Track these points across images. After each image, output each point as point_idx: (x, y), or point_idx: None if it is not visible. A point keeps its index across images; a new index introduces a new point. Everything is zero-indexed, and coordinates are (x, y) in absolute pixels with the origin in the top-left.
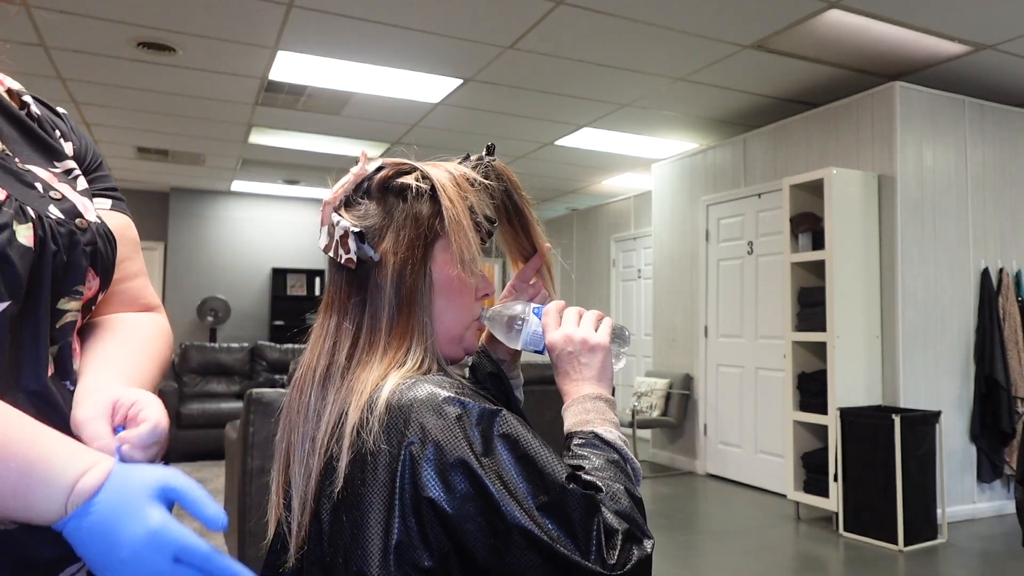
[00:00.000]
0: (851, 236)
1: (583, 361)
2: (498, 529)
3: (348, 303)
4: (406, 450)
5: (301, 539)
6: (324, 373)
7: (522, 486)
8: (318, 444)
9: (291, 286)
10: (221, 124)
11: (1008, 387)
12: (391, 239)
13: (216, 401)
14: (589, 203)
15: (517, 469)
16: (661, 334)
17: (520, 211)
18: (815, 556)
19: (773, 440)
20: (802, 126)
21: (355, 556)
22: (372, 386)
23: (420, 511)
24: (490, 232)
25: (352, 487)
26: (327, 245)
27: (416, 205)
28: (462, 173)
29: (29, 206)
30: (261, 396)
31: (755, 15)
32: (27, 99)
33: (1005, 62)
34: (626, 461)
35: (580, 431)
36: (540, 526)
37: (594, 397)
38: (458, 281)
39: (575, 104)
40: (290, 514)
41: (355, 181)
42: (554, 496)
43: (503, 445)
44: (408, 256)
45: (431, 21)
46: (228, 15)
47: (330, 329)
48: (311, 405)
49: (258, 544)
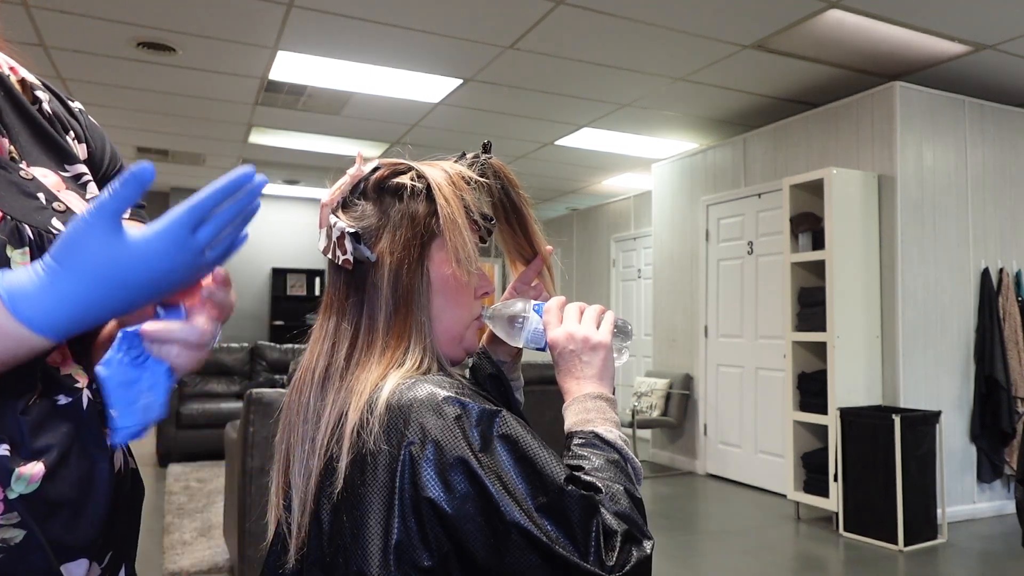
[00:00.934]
0: (851, 236)
1: (584, 359)
2: (497, 529)
3: (346, 304)
4: (406, 450)
5: (301, 540)
6: (323, 374)
7: (521, 487)
8: (318, 445)
9: (291, 286)
10: (221, 124)
11: (1008, 387)
12: (388, 239)
13: (216, 401)
14: (589, 203)
15: (516, 470)
16: (661, 334)
17: (518, 210)
18: (815, 556)
19: (773, 440)
20: (802, 126)
21: (355, 556)
22: (372, 386)
23: (420, 511)
24: (488, 231)
25: (352, 487)
26: (326, 247)
27: (412, 205)
28: (458, 172)
29: (28, 223)
30: (261, 396)
31: (755, 15)
32: (40, 95)
33: (1005, 62)
34: (626, 461)
35: (580, 430)
36: (539, 527)
37: (595, 396)
38: (455, 280)
39: (575, 104)
40: (290, 515)
41: (351, 182)
42: (553, 497)
43: (502, 446)
44: (405, 256)
45: (431, 21)
46: (228, 15)
47: (329, 330)
48: (310, 406)
49: (258, 544)
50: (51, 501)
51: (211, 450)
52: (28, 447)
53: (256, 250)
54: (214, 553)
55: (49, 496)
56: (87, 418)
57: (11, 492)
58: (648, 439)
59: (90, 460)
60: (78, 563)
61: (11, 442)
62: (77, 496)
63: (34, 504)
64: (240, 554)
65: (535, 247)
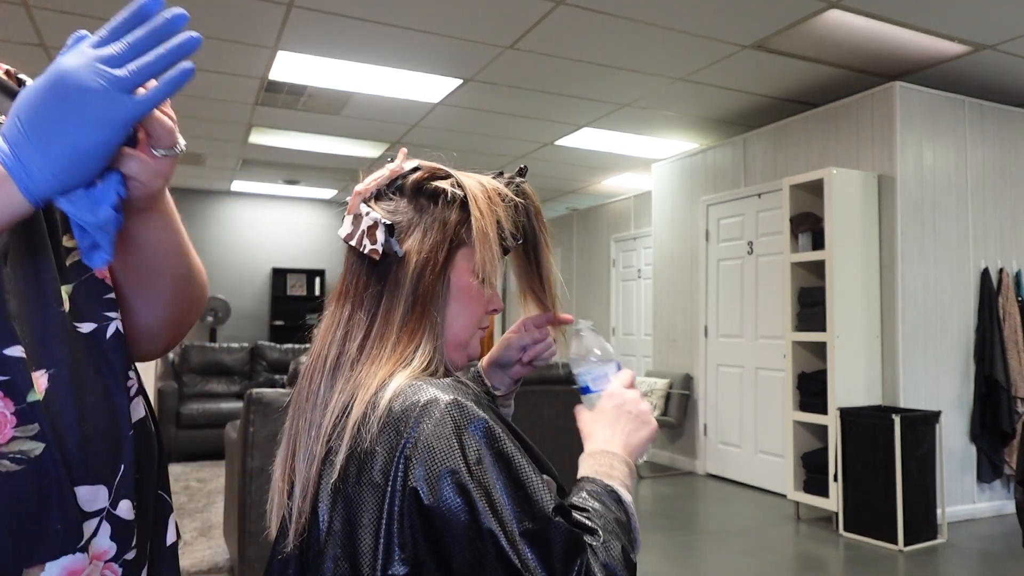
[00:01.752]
0: (851, 236)
1: (632, 427)
2: (477, 546)
3: (364, 294)
4: (401, 453)
5: (301, 525)
6: (335, 362)
7: (508, 508)
8: (322, 432)
9: (291, 286)
10: (221, 124)
11: (1008, 387)
12: (417, 238)
13: (216, 401)
14: (589, 203)
15: (507, 491)
16: (661, 334)
17: (536, 238)
18: (815, 556)
19: (773, 440)
20: (802, 126)
21: (347, 550)
22: (379, 382)
23: (408, 516)
24: (507, 250)
25: (348, 482)
26: (350, 234)
27: (446, 210)
28: (494, 187)
29: None
30: (261, 396)
31: (755, 15)
32: (23, 76)
33: (1005, 62)
34: (632, 529)
35: (600, 480)
36: (519, 553)
37: (624, 460)
38: (473, 290)
39: (575, 104)
40: (291, 500)
41: (390, 176)
42: (539, 525)
43: (496, 464)
44: (431, 258)
45: (431, 21)
46: (228, 15)
47: (342, 318)
48: (320, 393)
49: (258, 544)
50: (66, 416)
51: (211, 450)
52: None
53: (256, 250)
54: (214, 553)
55: (63, 410)
56: (106, 346)
57: (32, 395)
58: None
59: (105, 385)
60: (96, 488)
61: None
62: (93, 419)
63: (51, 414)
64: (240, 554)
65: (545, 285)
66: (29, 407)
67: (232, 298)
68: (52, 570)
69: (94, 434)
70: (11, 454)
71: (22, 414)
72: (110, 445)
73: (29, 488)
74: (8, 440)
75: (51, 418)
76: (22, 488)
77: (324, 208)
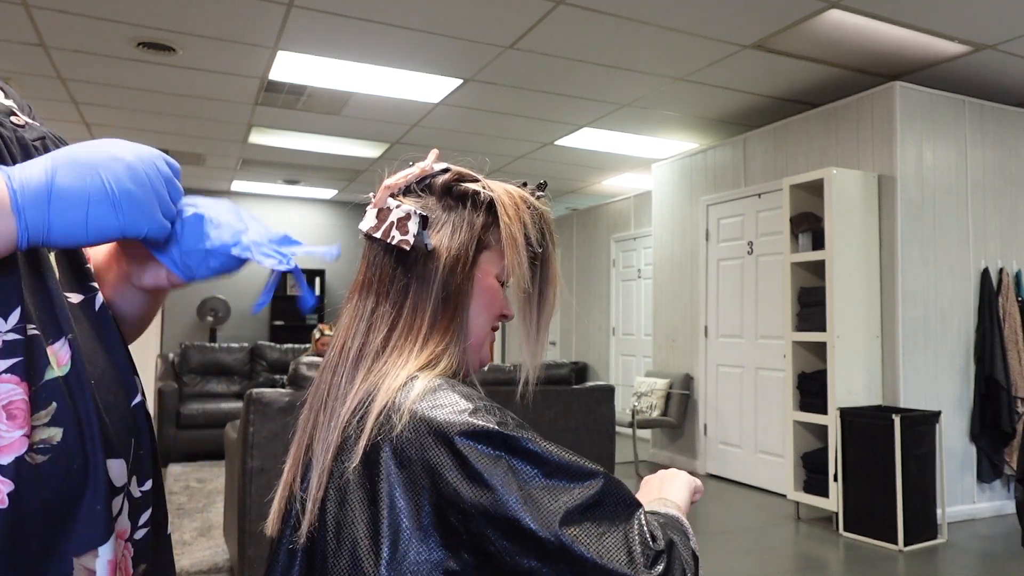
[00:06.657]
0: (851, 236)
1: (668, 483)
2: (516, 538)
3: (390, 286)
4: (421, 454)
5: (314, 515)
6: (358, 354)
7: (546, 497)
8: (341, 421)
9: (291, 286)
10: (221, 124)
11: (1008, 387)
12: (444, 237)
13: (216, 401)
14: (589, 203)
15: (542, 483)
16: (661, 334)
17: (547, 256)
18: (815, 556)
19: (773, 440)
20: (802, 126)
21: (358, 546)
22: (402, 381)
23: (444, 516)
24: (535, 255)
25: (363, 477)
26: (374, 227)
27: (474, 212)
28: (521, 194)
29: None
30: (261, 396)
31: (755, 15)
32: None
33: (1005, 62)
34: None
35: (659, 509)
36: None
37: (679, 507)
38: (494, 293)
39: (575, 104)
40: (305, 492)
41: (420, 175)
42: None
43: (525, 462)
44: (461, 255)
45: (431, 21)
46: (228, 15)
47: (365, 311)
48: (342, 385)
49: (258, 544)
50: (84, 388)
51: (211, 450)
52: (52, 330)
53: None
54: (214, 553)
55: (80, 381)
56: (99, 316)
57: (50, 372)
58: (648, 439)
59: (107, 356)
60: (120, 462)
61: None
62: (103, 391)
63: (70, 388)
64: (240, 554)
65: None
66: (44, 387)
67: (232, 298)
68: (106, 554)
69: (107, 405)
70: (36, 444)
71: (37, 396)
72: (122, 415)
73: (60, 474)
74: (31, 430)
75: (69, 392)
76: (55, 478)
77: (324, 208)
